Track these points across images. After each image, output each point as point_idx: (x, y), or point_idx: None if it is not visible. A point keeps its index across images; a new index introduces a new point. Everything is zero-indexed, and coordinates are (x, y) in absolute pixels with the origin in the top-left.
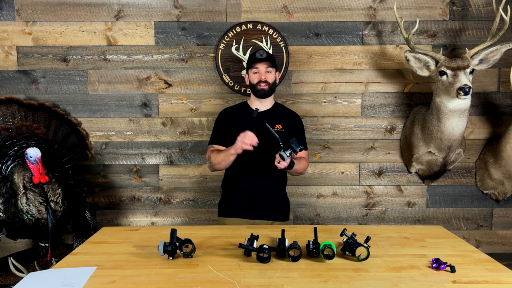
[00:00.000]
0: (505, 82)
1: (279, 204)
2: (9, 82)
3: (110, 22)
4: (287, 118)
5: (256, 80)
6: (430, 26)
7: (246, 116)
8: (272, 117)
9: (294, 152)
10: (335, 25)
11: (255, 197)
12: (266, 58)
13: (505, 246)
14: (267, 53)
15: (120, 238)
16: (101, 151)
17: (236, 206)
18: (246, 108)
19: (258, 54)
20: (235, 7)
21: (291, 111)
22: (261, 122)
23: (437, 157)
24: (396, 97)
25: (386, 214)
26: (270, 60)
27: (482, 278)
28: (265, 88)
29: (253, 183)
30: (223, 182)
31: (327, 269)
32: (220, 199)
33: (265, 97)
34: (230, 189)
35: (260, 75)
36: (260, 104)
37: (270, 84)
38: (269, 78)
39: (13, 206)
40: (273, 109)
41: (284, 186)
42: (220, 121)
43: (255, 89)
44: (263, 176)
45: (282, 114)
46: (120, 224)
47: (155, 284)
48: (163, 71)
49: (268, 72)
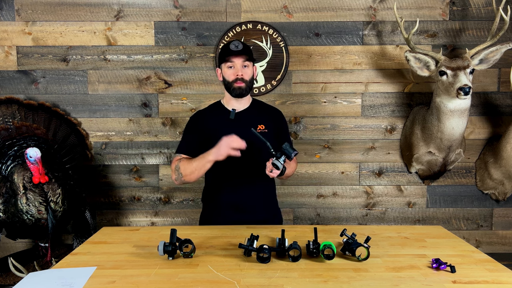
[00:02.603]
0: (505, 82)
1: (269, 218)
2: (9, 82)
3: (110, 22)
4: (269, 117)
5: (232, 77)
6: (430, 26)
7: (222, 118)
8: (252, 117)
9: (288, 159)
10: (335, 25)
11: (241, 211)
12: (242, 50)
13: (505, 246)
14: (243, 44)
15: (120, 238)
16: (101, 151)
17: (220, 222)
18: (221, 109)
19: (233, 46)
20: (235, 7)
21: (272, 107)
22: (240, 124)
23: (437, 157)
24: (396, 97)
25: (386, 214)
26: (247, 53)
27: (482, 278)
28: (242, 86)
29: (237, 195)
30: (203, 195)
31: (327, 269)
32: (201, 212)
33: (242, 97)
34: (212, 202)
35: (236, 71)
36: (237, 104)
37: (248, 81)
38: (246, 74)
39: (13, 206)
40: (251, 107)
41: (274, 193)
42: (191, 127)
43: (230, 88)
44: (248, 186)
45: (262, 112)
46: (120, 224)
47: (155, 284)
48: (163, 71)
49: (245, 67)
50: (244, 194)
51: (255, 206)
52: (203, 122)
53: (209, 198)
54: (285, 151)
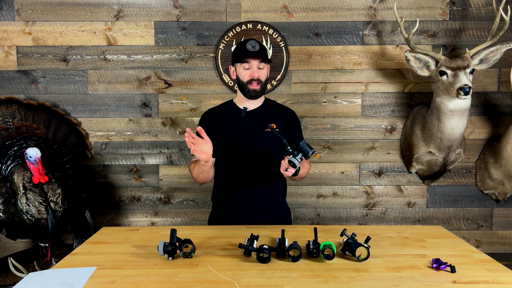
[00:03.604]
0: (505, 82)
1: (277, 219)
2: (9, 82)
3: (110, 22)
4: (281, 116)
5: (247, 78)
6: (430, 26)
7: (233, 117)
8: (264, 116)
9: (305, 157)
10: (335, 25)
11: (250, 214)
12: (259, 51)
13: (505, 246)
14: (260, 44)
15: (120, 238)
16: (101, 151)
17: (228, 223)
18: (232, 108)
19: (250, 46)
20: (235, 7)
21: (285, 107)
22: (250, 122)
23: (437, 157)
24: (396, 97)
25: (386, 214)
26: (263, 54)
27: (482, 278)
28: (257, 89)
29: (248, 197)
30: (213, 195)
31: (327, 269)
32: (210, 213)
33: (257, 98)
34: (221, 203)
35: (252, 72)
36: (249, 103)
37: (263, 82)
38: (262, 76)
39: (13, 206)
40: (263, 106)
41: (285, 196)
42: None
43: (245, 89)
44: (259, 188)
45: (274, 111)
46: (120, 224)
47: (155, 284)
48: (163, 71)
49: (261, 69)
50: (253, 195)
51: (263, 207)
52: (213, 120)
53: (217, 198)
54: (302, 148)
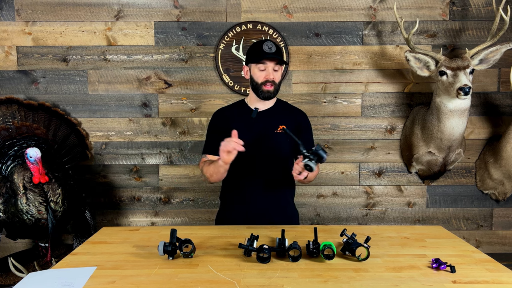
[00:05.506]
0: (505, 82)
1: (285, 220)
2: (9, 82)
3: (110, 22)
4: (291, 118)
5: (262, 79)
6: (430, 26)
7: (244, 117)
8: (275, 117)
9: (319, 161)
10: (335, 25)
11: (258, 215)
12: (275, 53)
13: (505, 246)
14: (276, 46)
15: (120, 238)
16: (101, 151)
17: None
18: (244, 108)
19: (267, 47)
20: (235, 7)
21: (296, 109)
22: (260, 123)
23: (437, 157)
24: (396, 97)
25: (386, 214)
26: (279, 56)
27: (482, 278)
28: (270, 90)
29: (256, 198)
30: (221, 194)
31: (327, 269)
32: (218, 211)
33: (270, 99)
34: (229, 203)
35: (267, 74)
36: (260, 103)
37: (277, 84)
38: (277, 77)
39: (13, 206)
40: (275, 107)
41: (293, 197)
42: (213, 126)
43: (258, 89)
44: (268, 188)
45: (285, 113)
46: (120, 224)
47: (155, 284)
48: (163, 71)
49: (276, 71)
50: (262, 195)
51: (273, 208)
52: (223, 120)
53: (226, 197)
54: (318, 152)
